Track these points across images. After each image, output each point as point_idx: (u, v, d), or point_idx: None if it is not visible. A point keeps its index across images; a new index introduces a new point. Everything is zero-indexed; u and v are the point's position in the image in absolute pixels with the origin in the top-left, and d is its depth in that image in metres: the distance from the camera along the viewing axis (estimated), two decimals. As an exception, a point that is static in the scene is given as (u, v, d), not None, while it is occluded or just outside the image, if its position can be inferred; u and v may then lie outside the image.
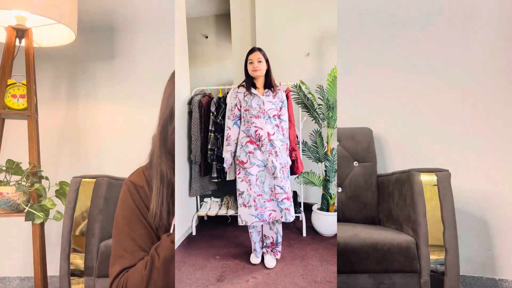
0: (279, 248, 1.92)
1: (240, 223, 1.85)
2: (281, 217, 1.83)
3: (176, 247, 0.90)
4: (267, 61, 1.85)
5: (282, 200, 1.81)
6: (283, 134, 1.90)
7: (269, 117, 1.83)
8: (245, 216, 1.83)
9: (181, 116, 2.34)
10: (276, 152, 1.82)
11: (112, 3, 2.50)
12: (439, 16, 2.34)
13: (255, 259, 1.90)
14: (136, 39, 2.49)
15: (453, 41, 2.31)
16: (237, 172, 1.86)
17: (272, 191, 1.84)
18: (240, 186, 1.84)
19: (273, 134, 1.83)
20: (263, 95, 1.85)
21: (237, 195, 1.86)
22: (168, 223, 0.94)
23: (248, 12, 2.86)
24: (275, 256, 1.91)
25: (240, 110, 1.86)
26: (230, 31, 2.93)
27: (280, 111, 1.89)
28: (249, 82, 1.85)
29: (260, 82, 1.86)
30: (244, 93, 1.85)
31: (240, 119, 1.88)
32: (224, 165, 1.92)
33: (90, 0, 2.48)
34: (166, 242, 0.86)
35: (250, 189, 1.83)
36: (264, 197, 1.84)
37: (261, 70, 1.82)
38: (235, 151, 1.87)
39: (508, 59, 2.23)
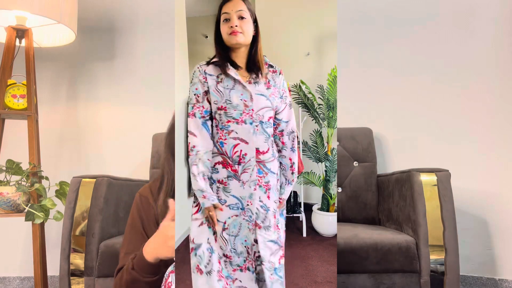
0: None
1: None
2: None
3: (176, 247, 0.90)
4: (255, 21, 1.08)
5: (279, 262, 1.03)
6: (277, 141, 1.10)
7: (261, 121, 1.02)
8: None
9: (181, 116, 2.34)
10: (267, 183, 1.03)
11: (112, 3, 2.50)
12: (439, 16, 2.34)
13: None
14: (136, 39, 2.49)
15: (453, 41, 2.31)
16: (193, 210, 1.03)
17: (248, 252, 1.02)
18: (195, 233, 1.00)
19: (267, 152, 1.03)
20: (249, 83, 1.03)
21: (190, 250, 1.01)
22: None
23: (248, 12, 2.85)
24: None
25: (210, 105, 1.03)
26: (230, 31, 2.93)
27: (276, 109, 1.08)
28: (223, 56, 1.04)
29: (241, 58, 1.05)
30: (218, 75, 1.03)
31: (211, 119, 1.04)
32: (203, 203, 1.00)
33: (90, 0, 2.48)
34: (139, 254, 0.93)
35: (215, 241, 1.01)
36: (235, 261, 1.02)
37: (244, 34, 1.02)
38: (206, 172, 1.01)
39: (508, 59, 2.23)
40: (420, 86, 2.33)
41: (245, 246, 1.02)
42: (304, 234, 2.26)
